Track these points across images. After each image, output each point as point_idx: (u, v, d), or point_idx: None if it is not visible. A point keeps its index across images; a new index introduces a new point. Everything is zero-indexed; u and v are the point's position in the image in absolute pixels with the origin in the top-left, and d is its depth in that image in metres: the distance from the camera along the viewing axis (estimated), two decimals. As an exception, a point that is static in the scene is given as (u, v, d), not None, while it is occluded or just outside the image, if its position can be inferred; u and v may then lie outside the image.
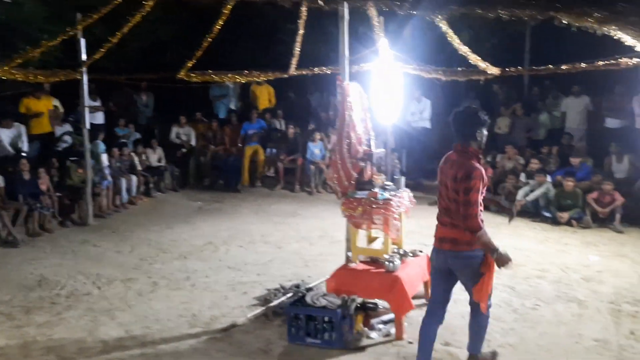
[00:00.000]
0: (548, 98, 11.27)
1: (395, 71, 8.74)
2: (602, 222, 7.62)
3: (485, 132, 3.47)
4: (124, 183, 8.79)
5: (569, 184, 7.90)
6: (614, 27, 4.63)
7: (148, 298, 5.04)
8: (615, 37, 5.22)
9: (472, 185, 3.26)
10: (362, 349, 4.05)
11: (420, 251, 4.82)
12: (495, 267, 3.39)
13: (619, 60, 6.79)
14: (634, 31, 4.64)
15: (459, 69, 8.02)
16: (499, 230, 7.52)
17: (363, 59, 8.81)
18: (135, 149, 9.70)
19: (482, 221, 3.30)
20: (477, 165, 3.35)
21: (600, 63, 6.87)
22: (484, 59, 7.61)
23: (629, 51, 5.91)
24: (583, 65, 7.00)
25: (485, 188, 3.36)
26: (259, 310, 4.66)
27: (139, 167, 9.40)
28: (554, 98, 11.08)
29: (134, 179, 9.05)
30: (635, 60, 6.61)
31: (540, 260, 6.07)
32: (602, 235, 7.16)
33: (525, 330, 4.28)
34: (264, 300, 4.88)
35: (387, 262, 4.32)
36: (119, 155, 9.12)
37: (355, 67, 8.75)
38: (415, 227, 7.59)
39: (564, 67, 7.17)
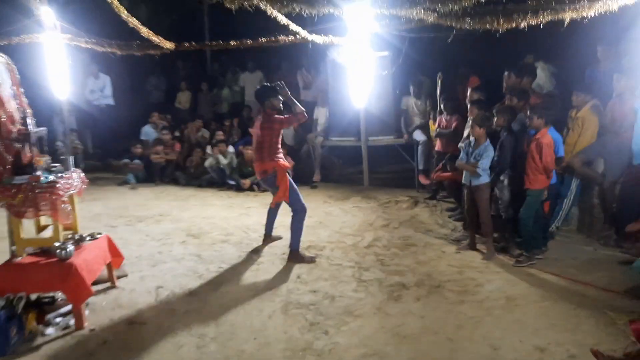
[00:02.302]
0: (228, 74, 11.98)
1: (63, 44, 8.00)
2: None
3: (276, 100, 5.24)
4: None
5: (249, 152, 8.64)
6: (273, 7, 5.19)
7: None
8: (272, 17, 5.86)
9: (276, 124, 5.16)
10: (36, 348, 3.69)
11: (99, 233, 4.60)
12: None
13: (278, 37, 7.67)
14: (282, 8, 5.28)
15: (135, 43, 7.83)
16: (187, 202, 7.82)
17: (24, 30, 7.79)
18: None
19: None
20: (274, 115, 5.19)
21: (263, 40, 7.64)
22: (166, 34, 7.61)
23: (286, 30, 6.74)
24: (249, 41, 7.66)
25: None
26: None
27: None
28: (232, 73, 11.84)
29: None
30: (291, 38, 7.56)
31: (225, 225, 6.53)
32: (277, 196, 8.12)
33: (208, 292, 4.55)
34: None
35: (58, 250, 4.00)
36: None
37: (15, 38, 7.68)
38: (102, 209, 7.33)
39: (233, 42, 7.71)
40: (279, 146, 5.33)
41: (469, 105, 6.13)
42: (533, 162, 4.97)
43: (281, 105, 5.33)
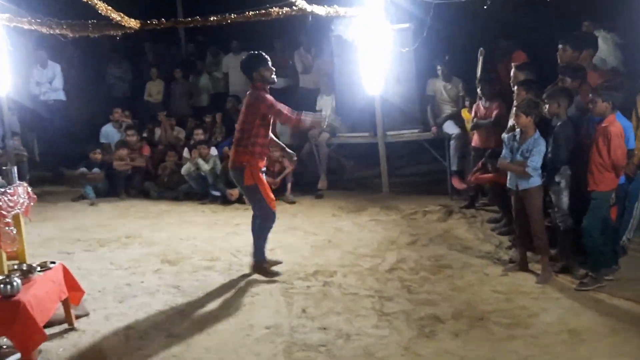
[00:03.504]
0: (207, 57, 12.04)
1: (0, 25, 8.07)
2: (275, 193, 8.63)
3: (267, 70, 5.42)
4: None
5: (237, 155, 8.68)
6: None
7: None
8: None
9: (262, 104, 5.35)
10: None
11: (52, 262, 4.61)
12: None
13: (269, 9, 7.68)
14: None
15: (91, 22, 7.87)
16: (161, 220, 7.86)
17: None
18: None
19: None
20: (263, 92, 5.40)
21: (251, 13, 7.65)
22: (129, 11, 7.65)
23: (279, 0, 6.77)
24: (233, 15, 7.68)
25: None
26: None
27: None
28: (213, 56, 11.90)
29: None
30: (285, 9, 7.57)
31: (210, 247, 6.55)
32: (274, 209, 8.14)
33: (191, 333, 4.55)
34: None
35: (1, 285, 4.01)
36: None
37: None
38: (55, 232, 7.40)
39: (212, 18, 7.72)
40: (264, 136, 5.44)
41: (514, 88, 6.12)
42: (599, 157, 4.94)
43: (274, 77, 5.48)
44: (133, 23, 7.63)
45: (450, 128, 8.25)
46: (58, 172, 10.54)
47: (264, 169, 5.62)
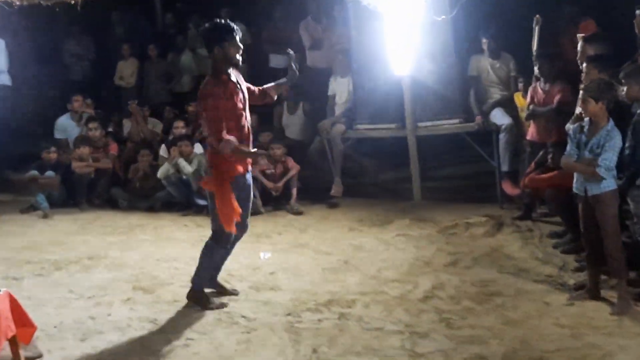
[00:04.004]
0: (190, 30, 12.09)
1: None
2: (276, 201, 8.70)
3: (233, 47, 5.24)
4: None
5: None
6: None
7: None
8: None
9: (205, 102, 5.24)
10: None
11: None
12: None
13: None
14: None
15: (43, -16, 7.94)
16: (132, 237, 7.90)
17: None
18: None
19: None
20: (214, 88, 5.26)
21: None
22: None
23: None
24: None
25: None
26: None
27: None
28: (196, 28, 11.93)
29: None
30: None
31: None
32: (275, 221, 8.15)
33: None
34: None
35: None
36: None
37: None
38: (-2, 252, 7.41)
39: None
40: (235, 129, 5.37)
41: (581, 66, 6.10)
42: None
43: (239, 57, 5.39)
44: (97, -13, 7.71)
45: (500, 117, 8.24)
46: (1, 176, 10.61)
47: (249, 172, 5.61)
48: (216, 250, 5.62)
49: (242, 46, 5.39)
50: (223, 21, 5.46)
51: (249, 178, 5.62)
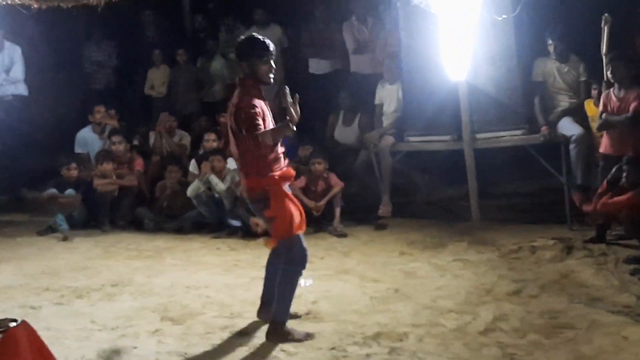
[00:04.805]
0: (221, 32, 12.18)
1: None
2: (317, 222, 8.70)
3: (265, 65, 5.37)
4: None
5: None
6: None
7: None
8: None
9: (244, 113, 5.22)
10: None
11: (13, 321, 4.69)
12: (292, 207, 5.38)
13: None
14: None
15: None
16: (160, 261, 7.93)
17: None
18: None
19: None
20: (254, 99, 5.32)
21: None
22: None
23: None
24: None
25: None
26: None
27: None
28: (229, 32, 12.04)
29: None
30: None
31: (227, 300, 6.57)
32: (317, 244, 8.12)
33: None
34: None
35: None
36: None
37: None
38: (14, 278, 7.57)
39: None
40: (272, 150, 5.42)
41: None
42: None
43: (272, 76, 5.48)
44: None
45: (569, 128, 8.17)
46: (17, 194, 10.74)
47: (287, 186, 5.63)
48: (297, 272, 5.55)
49: (274, 67, 5.49)
50: (258, 37, 5.58)
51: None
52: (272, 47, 5.46)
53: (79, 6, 8.39)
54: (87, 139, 10.51)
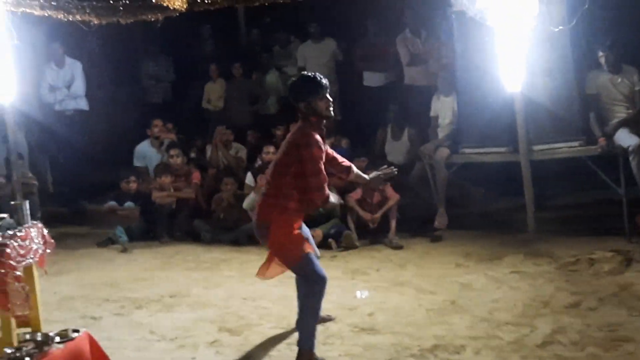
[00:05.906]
0: (275, 47, 12.26)
1: (3, 12, 8.54)
2: (373, 234, 8.70)
3: (322, 101, 5.37)
4: None
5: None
6: None
7: None
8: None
9: (308, 152, 5.26)
10: None
11: (76, 331, 4.77)
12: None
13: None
14: None
15: (121, 3, 8.17)
16: (217, 272, 7.98)
17: None
18: None
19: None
20: (314, 134, 5.34)
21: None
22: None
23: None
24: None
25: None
26: None
27: None
28: (283, 46, 12.11)
29: None
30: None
31: (285, 311, 6.56)
32: (372, 256, 8.14)
33: None
34: None
35: (9, 361, 4.19)
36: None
37: None
38: (75, 289, 7.68)
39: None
40: (305, 188, 5.41)
41: None
42: None
43: (331, 109, 5.49)
44: (178, 2, 7.91)
45: (626, 139, 8.06)
46: (78, 207, 10.86)
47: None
48: (316, 293, 5.42)
49: (331, 100, 5.47)
50: (309, 75, 5.57)
51: None
52: (324, 81, 5.44)
53: (137, 21, 8.49)
54: (146, 153, 10.62)
